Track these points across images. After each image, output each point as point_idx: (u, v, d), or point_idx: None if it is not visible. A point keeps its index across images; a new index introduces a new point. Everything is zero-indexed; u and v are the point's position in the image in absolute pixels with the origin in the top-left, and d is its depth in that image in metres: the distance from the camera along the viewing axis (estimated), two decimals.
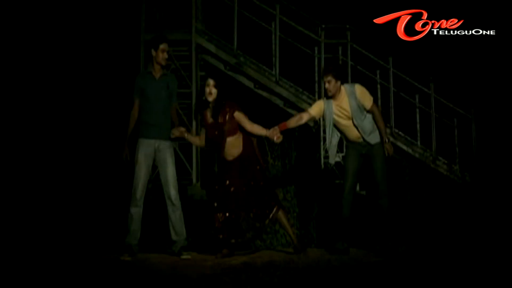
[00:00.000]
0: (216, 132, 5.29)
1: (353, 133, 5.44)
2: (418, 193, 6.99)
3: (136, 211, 5.26)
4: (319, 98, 8.88)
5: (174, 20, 8.79)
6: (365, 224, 6.07)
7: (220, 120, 5.28)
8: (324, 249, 5.67)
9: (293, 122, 5.46)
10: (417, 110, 9.33)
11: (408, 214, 6.37)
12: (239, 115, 5.30)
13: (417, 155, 9.07)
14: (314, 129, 8.50)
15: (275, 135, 5.29)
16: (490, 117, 9.74)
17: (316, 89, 8.97)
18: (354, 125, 5.38)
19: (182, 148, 8.34)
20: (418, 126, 9.29)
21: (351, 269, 4.33)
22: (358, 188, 7.04)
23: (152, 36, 5.81)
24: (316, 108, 5.51)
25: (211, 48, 8.68)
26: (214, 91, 5.27)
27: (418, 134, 9.25)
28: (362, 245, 5.80)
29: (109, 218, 6.30)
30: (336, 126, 5.48)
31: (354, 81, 7.47)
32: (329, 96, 5.45)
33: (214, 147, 5.39)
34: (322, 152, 8.76)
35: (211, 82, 5.31)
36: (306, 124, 5.97)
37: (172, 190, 5.30)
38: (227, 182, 5.26)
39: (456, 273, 4.24)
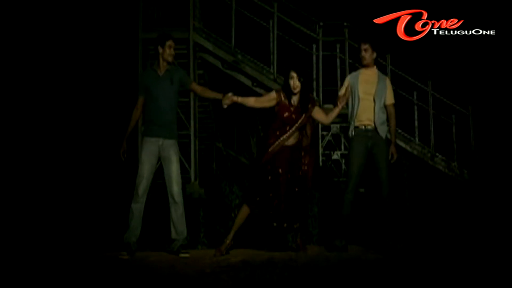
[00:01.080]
0: (293, 116, 5.17)
1: (368, 113, 5.42)
2: (416, 190, 7.00)
3: (137, 207, 5.26)
4: (317, 96, 8.90)
5: (172, 19, 8.79)
6: (364, 221, 6.07)
7: (302, 109, 5.20)
8: (323, 246, 5.67)
9: (339, 106, 5.39)
10: (415, 107, 9.36)
11: (407, 211, 6.37)
12: (319, 109, 5.35)
13: (415, 152, 9.08)
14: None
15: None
16: (488, 114, 9.77)
17: (314, 87, 8.98)
18: (374, 103, 5.41)
19: (181, 147, 8.32)
20: (416, 123, 9.32)
21: (349, 267, 4.33)
22: None
23: (150, 35, 5.81)
24: (345, 84, 5.55)
25: (209, 46, 8.68)
26: (298, 83, 5.18)
27: (416, 131, 9.27)
28: (360, 243, 5.80)
29: (109, 215, 6.30)
30: (356, 99, 5.44)
31: None
32: (363, 65, 5.54)
33: (276, 128, 5.19)
34: (321, 150, 8.78)
35: (294, 74, 5.20)
36: None
37: (174, 187, 5.29)
38: (280, 170, 5.09)
39: (454, 270, 4.24)
